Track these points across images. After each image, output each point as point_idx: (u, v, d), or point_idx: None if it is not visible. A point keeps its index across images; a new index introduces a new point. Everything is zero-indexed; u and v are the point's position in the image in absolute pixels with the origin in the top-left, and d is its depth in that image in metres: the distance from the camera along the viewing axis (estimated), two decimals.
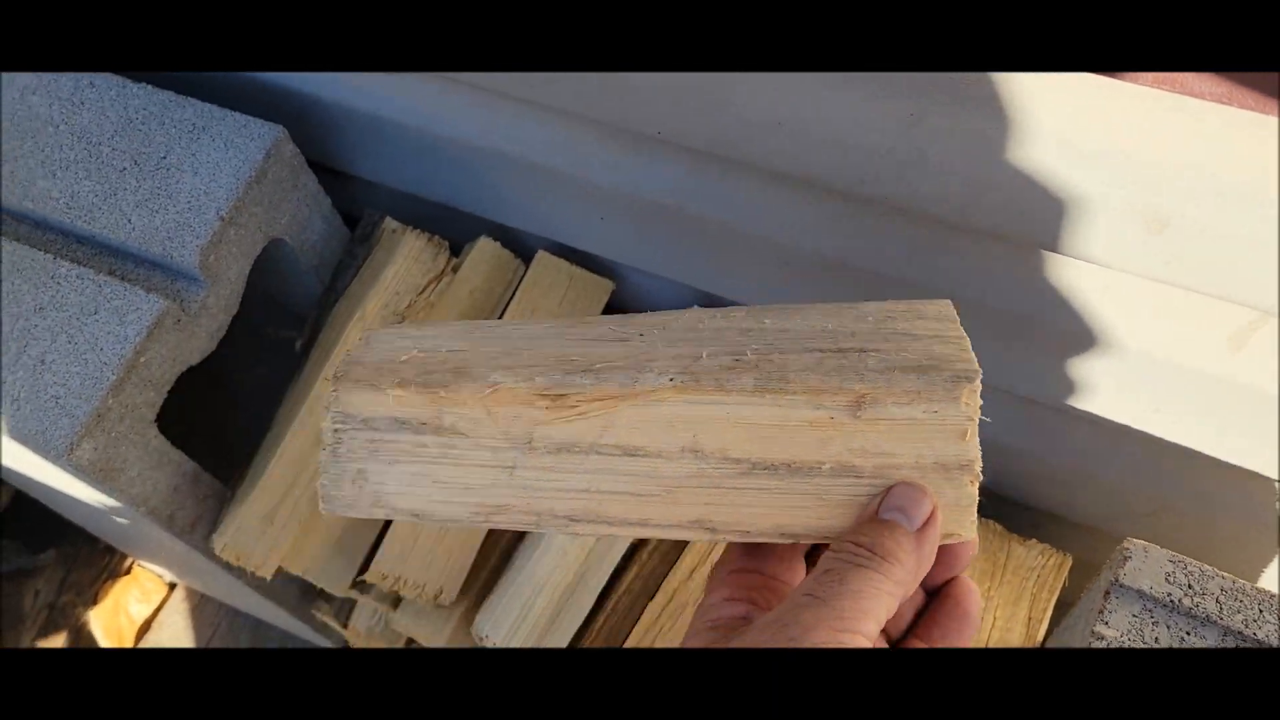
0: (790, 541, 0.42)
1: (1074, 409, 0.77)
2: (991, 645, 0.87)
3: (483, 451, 0.41)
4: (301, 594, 1.12)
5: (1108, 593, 0.62)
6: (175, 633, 1.37)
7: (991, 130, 0.61)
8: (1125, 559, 0.63)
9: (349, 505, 0.43)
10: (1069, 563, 0.91)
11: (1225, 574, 0.61)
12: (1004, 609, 0.89)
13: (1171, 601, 0.61)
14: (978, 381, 0.39)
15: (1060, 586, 0.90)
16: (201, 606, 1.39)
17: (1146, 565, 0.62)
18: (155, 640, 1.37)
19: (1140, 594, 0.62)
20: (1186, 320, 0.66)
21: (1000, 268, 0.70)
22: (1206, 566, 0.62)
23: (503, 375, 0.41)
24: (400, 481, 0.42)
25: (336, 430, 0.42)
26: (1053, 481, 0.90)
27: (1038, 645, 0.87)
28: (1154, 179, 0.58)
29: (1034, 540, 0.92)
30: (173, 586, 1.42)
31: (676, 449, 0.41)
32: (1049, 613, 0.89)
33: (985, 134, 0.61)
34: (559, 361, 0.42)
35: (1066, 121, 0.59)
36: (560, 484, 0.41)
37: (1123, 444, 0.79)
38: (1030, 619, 0.88)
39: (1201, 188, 0.57)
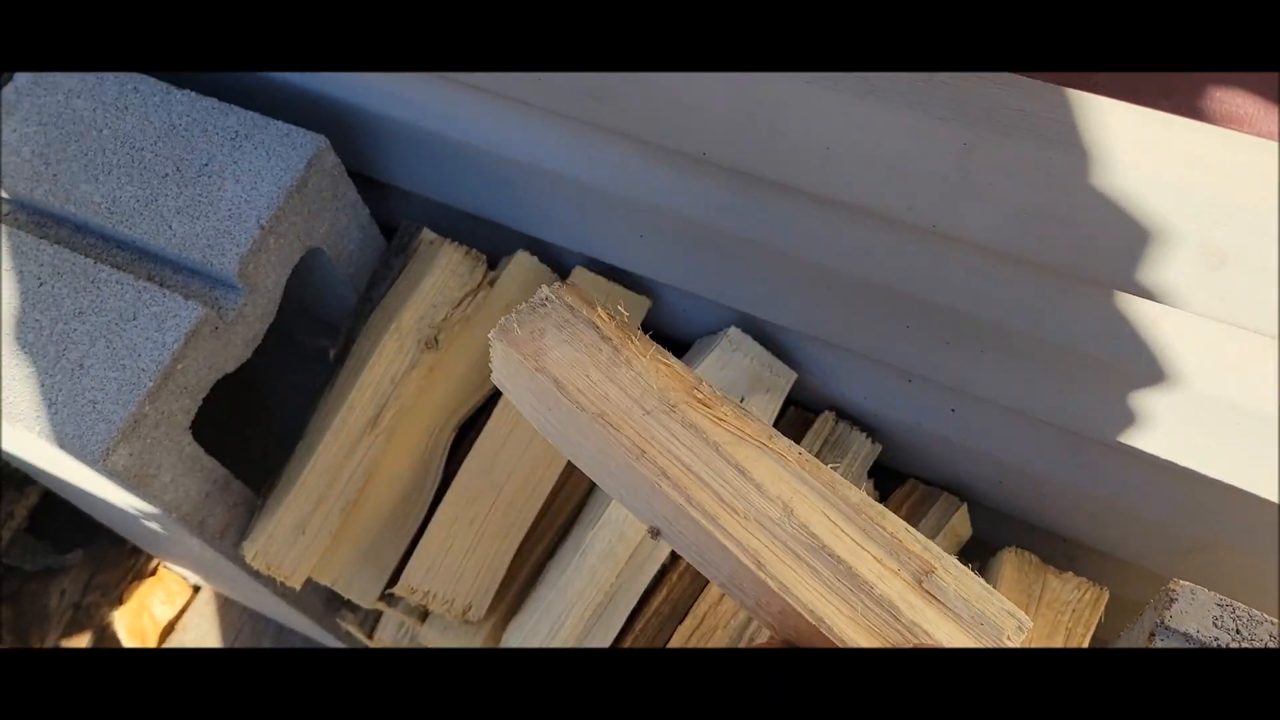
0: (809, 625, 0.45)
1: (1119, 444, 0.75)
2: None
3: (634, 387, 0.48)
4: (326, 602, 1.12)
5: (1152, 634, 0.61)
6: (199, 635, 1.37)
7: (1045, 160, 0.60)
8: (1172, 600, 0.61)
9: (514, 343, 0.49)
10: (1105, 597, 0.89)
11: (1273, 619, 0.60)
12: (1038, 643, 0.87)
13: (1219, 646, 0.60)
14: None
15: (1096, 622, 0.89)
16: (225, 610, 1.39)
17: (1194, 608, 0.61)
18: (178, 642, 1.37)
19: (1186, 637, 0.61)
20: (1240, 358, 0.65)
21: (1049, 299, 0.69)
22: (1255, 611, 0.60)
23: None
24: (563, 357, 0.48)
25: (546, 298, 0.50)
26: (1092, 514, 0.88)
27: None
28: (1213, 213, 0.57)
29: (1070, 573, 0.90)
30: (197, 589, 1.42)
31: (774, 495, 0.46)
32: (1084, 645, 0.88)
33: (1038, 164, 0.60)
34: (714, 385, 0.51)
35: (1123, 153, 0.58)
36: (672, 448, 0.47)
37: (1167, 479, 0.78)
38: None
39: (1262, 224, 0.56)
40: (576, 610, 0.81)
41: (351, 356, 0.94)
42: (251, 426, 1.12)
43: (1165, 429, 0.72)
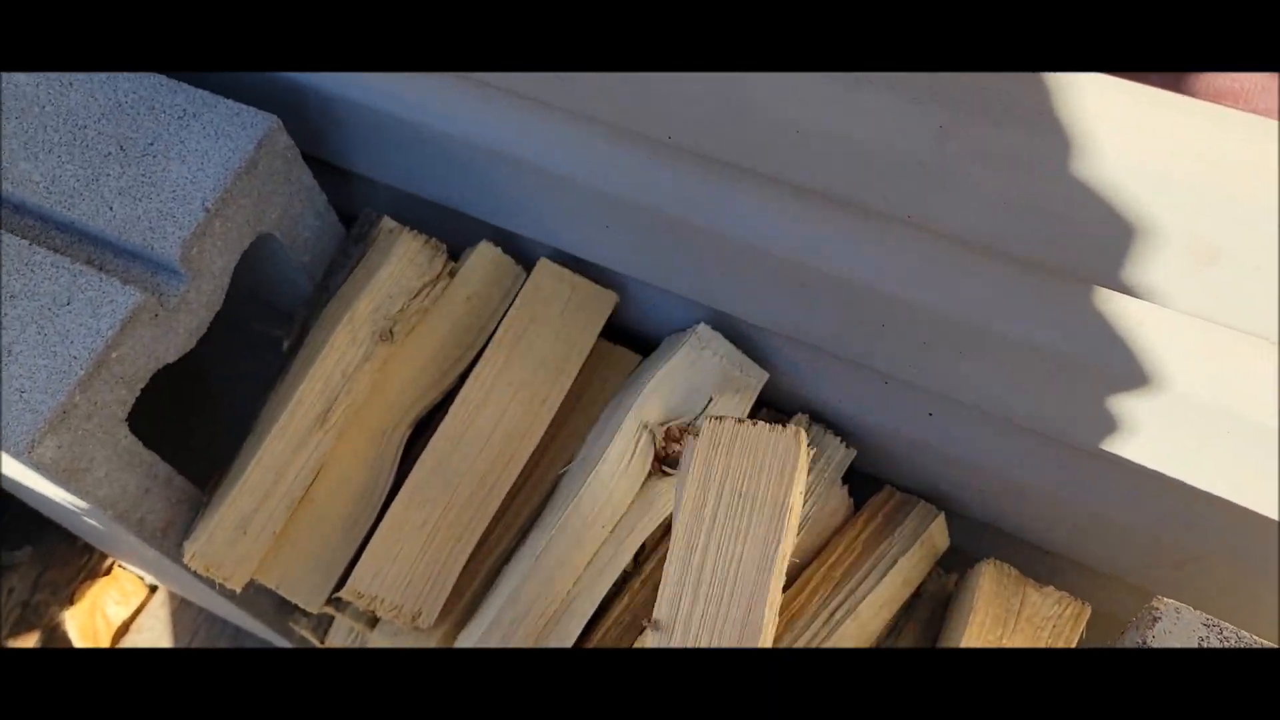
0: None
1: (1103, 452, 0.72)
2: None
3: None
4: (278, 605, 1.07)
5: None
6: (153, 637, 1.33)
7: (1027, 147, 0.56)
8: (1155, 619, 0.58)
9: None
10: (1087, 613, 0.85)
11: (1263, 640, 0.56)
12: None
13: None
14: None
15: (1077, 638, 0.85)
16: (181, 611, 1.35)
17: (1178, 628, 0.57)
18: (132, 643, 1.33)
19: None
20: (1233, 363, 0.61)
21: (1030, 298, 0.65)
22: (1245, 633, 0.57)
23: None
24: None
25: None
26: (1074, 525, 0.85)
27: None
28: (1203, 204, 0.53)
29: (1051, 587, 0.86)
30: (154, 589, 1.37)
31: None
32: None
33: (1020, 151, 0.56)
34: None
35: (1110, 138, 0.54)
36: None
37: (1152, 489, 0.74)
38: None
39: (1257, 216, 0.52)
40: (530, 618, 0.77)
41: (305, 347, 0.89)
42: (197, 416, 1.08)
43: (1150, 436, 0.68)
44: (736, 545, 0.60)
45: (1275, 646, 0.56)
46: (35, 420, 0.72)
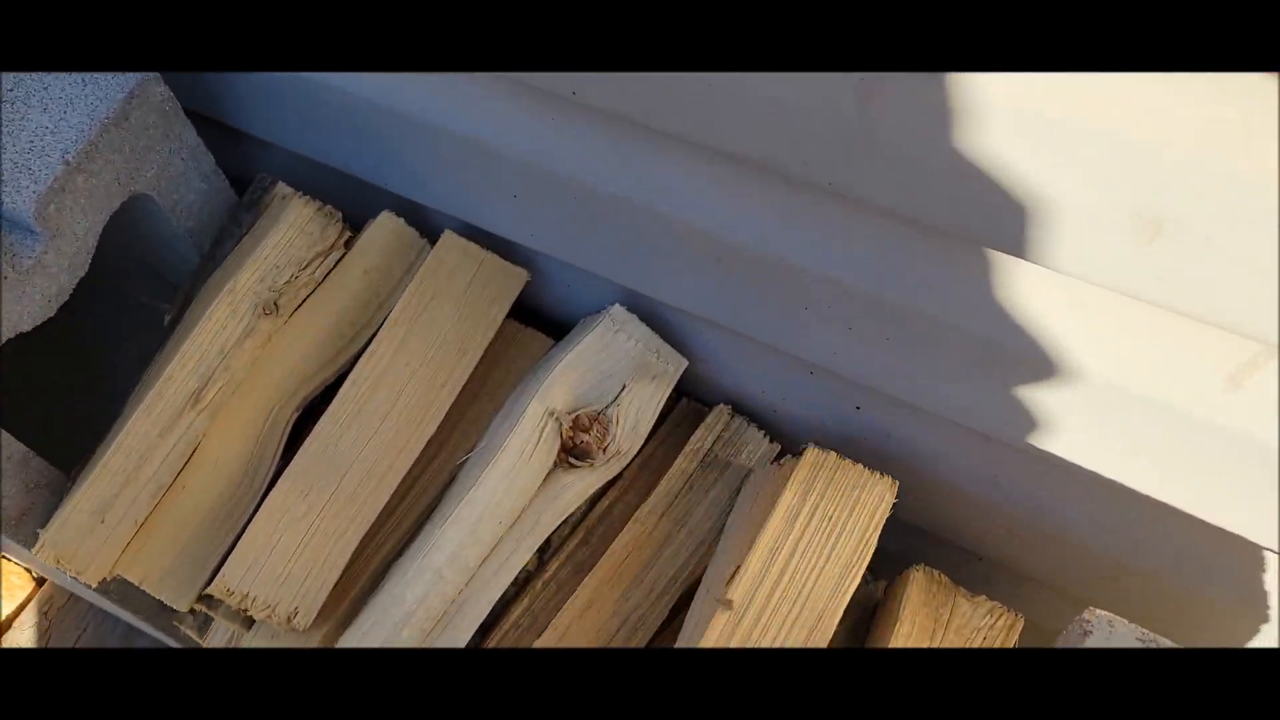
0: None
1: (1033, 449, 0.66)
2: None
3: None
4: (161, 605, 0.99)
5: None
6: (38, 634, 1.24)
7: (954, 106, 0.50)
8: (1086, 633, 0.52)
9: None
10: (1020, 624, 0.80)
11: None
12: None
13: None
14: None
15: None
16: (70, 607, 1.26)
17: (1111, 641, 0.52)
18: (14, 641, 1.23)
19: None
20: (1175, 350, 0.56)
21: (960, 276, 0.60)
22: (1182, 648, 0.51)
23: None
24: None
25: None
26: (1008, 530, 0.79)
27: None
28: (1148, 174, 0.47)
29: (983, 596, 0.81)
30: (41, 582, 1.28)
31: None
32: None
33: (947, 109, 0.50)
34: None
35: (1044, 100, 0.48)
36: None
37: (1088, 493, 0.69)
38: None
39: (1206, 187, 0.47)
40: (417, 619, 0.70)
41: (183, 322, 0.82)
42: (81, 398, 1.00)
43: (1079, 431, 0.63)
44: (819, 561, 0.66)
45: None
46: None
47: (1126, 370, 0.57)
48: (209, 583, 0.76)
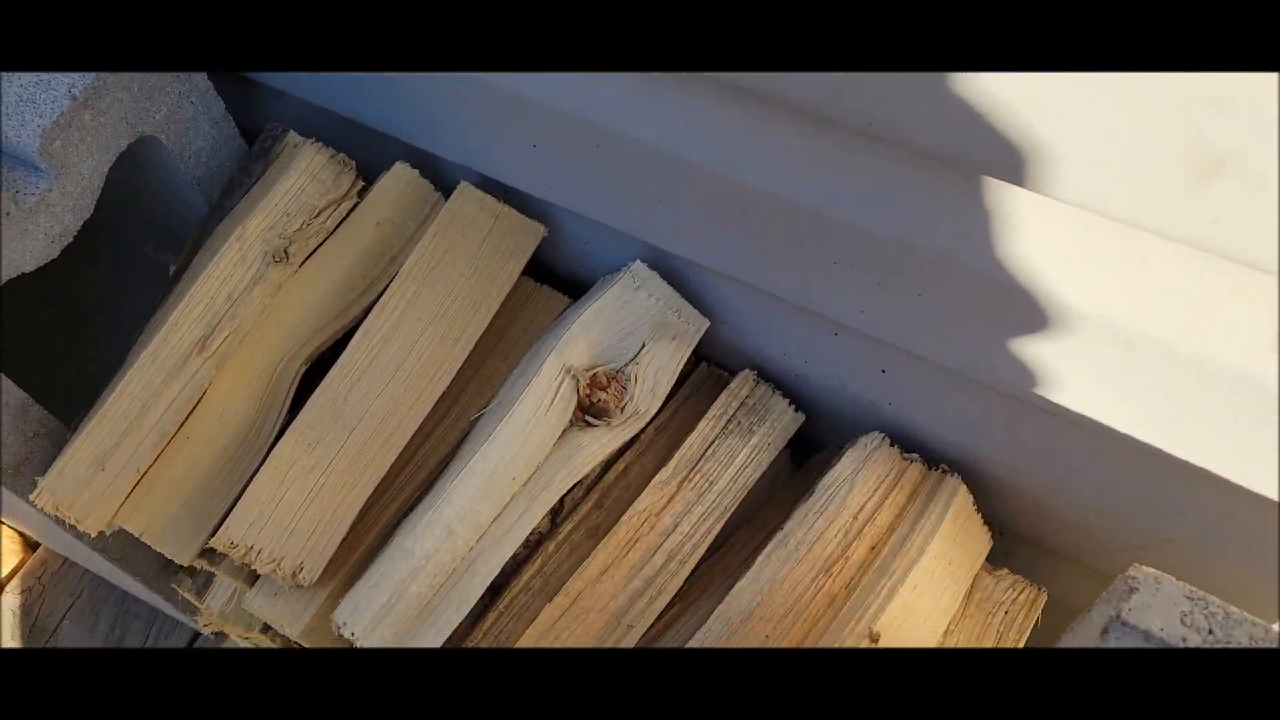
0: None
1: (1059, 407, 0.64)
2: None
3: None
4: (162, 566, 0.97)
5: (1106, 630, 0.49)
6: (30, 600, 1.21)
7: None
8: (1131, 590, 0.50)
9: None
10: (1043, 599, 0.78)
11: (1257, 619, 0.49)
12: (964, 646, 0.76)
13: (1186, 647, 0.48)
14: None
15: (1031, 626, 0.78)
16: (65, 573, 1.23)
17: (1158, 600, 0.50)
18: (7, 606, 1.21)
19: (1147, 635, 0.49)
20: (1221, 304, 0.54)
21: (1003, 227, 0.57)
22: (1233, 608, 0.49)
23: None
24: None
25: None
26: (1032, 500, 0.77)
27: None
28: (1205, 108, 0.45)
29: (1005, 570, 0.79)
30: (35, 547, 1.26)
31: None
32: None
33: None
34: None
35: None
36: None
37: (1115, 457, 0.67)
38: None
39: (1270, 125, 0.45)
40: (425, 575, 0.68)
41: (189, 270, 0.79)
42: (85, 351, 0.97)
43: (1108, 388, 0.61)
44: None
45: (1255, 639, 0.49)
46: None
47: (1172, 329, 0.55)
48: (212, 536, 0.74)
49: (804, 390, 0.81)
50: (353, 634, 0.67)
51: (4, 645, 1.19)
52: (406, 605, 0.68)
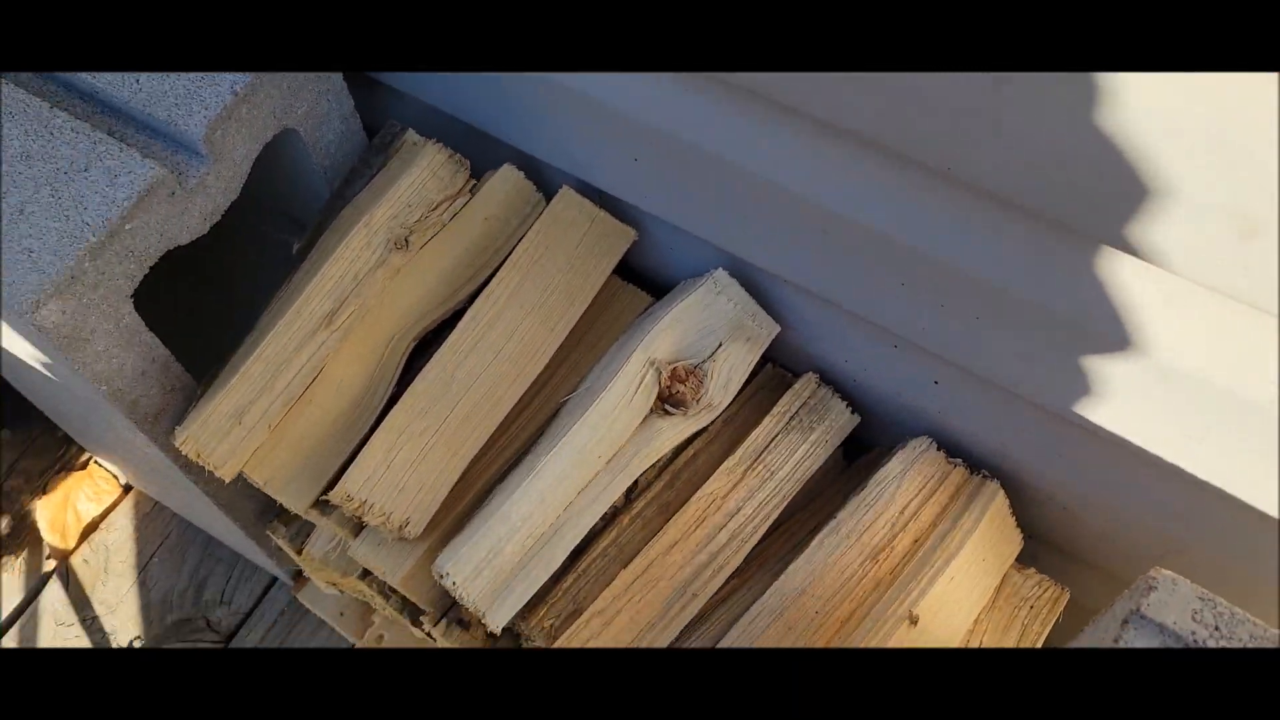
0: None
1: (1096, 426, 0.72)
2: None
3: None
4: (259, 512, 1.06)
5: (1126, 621, 0.57)
6: (122, 537, 1.32)
7: (1080, 99, 0.56)
8: (1150, 589, 0.58)
9: None
10: (1065, 598, 0.86)
11: (1257, 620, 0.56)
12: (992, 636, 0.84)
13: (1195, 642, 0.56)
14: None
15: (1054, 621, 0.86)
16: (154, 514, 1.33)
17: (1174, 599, 0.57)
18: (100, 542, 1.31)
19: (1161, 628, 0.57)
20: (1252, 345, 0.61)
21: (1057, 263, 0.65)
22: (1238, 610, 0.57)
23: None
24: None
25: None
26: (1063, 508, 0.85)
27: None
28: (1254, 173, 0.53)
29: (1032, 570, 0.87)
30: (128, 489, 1.36)
31: None
32: (1039, 645, 0.84)
33: (1073, 103, 0.56)
34: None
35: (1163, 98, 0.54)
36: None
37: (1142, 474, 0.74)
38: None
39: None
40: (519, 536, 0.77)
41: (316, 250, 0.88)
42: (204, 315, 1.07)
43: (1151, 415, 0.69)
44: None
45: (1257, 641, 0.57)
46: (40, 281, 0.71)
47: (1212, 363, 0.63)
48: (324, 492, 0.83)
49: (861, 394, 0.90)
50: (454, 583, 0.76)
51: (97, 580, 1.29)
52: (501, 561, 0.76)
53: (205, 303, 1.10)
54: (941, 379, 0.82)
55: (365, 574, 0.90)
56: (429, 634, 0.87)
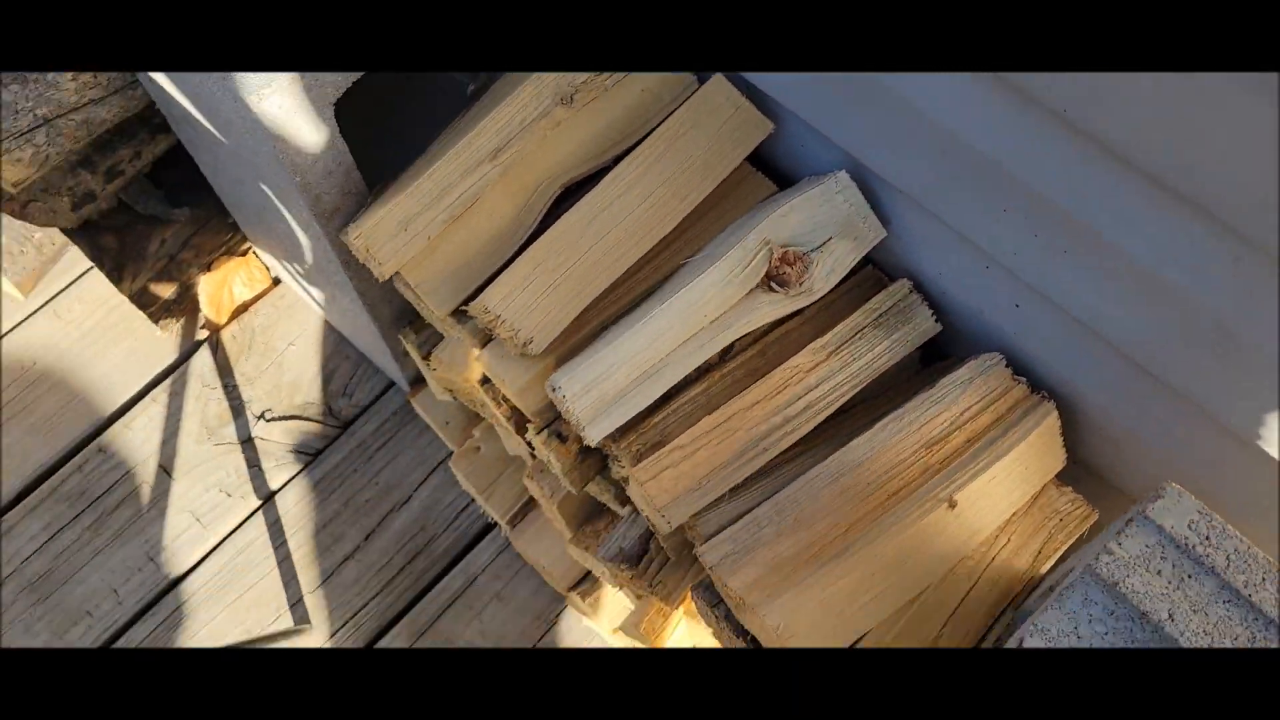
0: None
1: (1175, 386, 0.78)
2: (994, 563, 0.92)
3: None
4: (395, 317, 1.21)
5: (1131, 519, 0.67)
6: (267, 322, 1.48)
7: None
8: (1158, 496, 0.67)
9: None
10: (1094, 518, 0.95)
11: (1244, 538, 0.66)
12: (1019, 537, 0.94)
13: (1186, 545, 0.66)
14: None
15: (1078, 536, 0.95)
16: (297, 308, 1.49)
17: (1176, 507, 0.67)
18: (248, 322, 1.48)
19: (1159, 529, 0.67)
20: None
21: (1151, 217, 0.72)
22: (1230, 526, 0.66)
23: None
24: None
25: None
26: (1116, 444, 0.93)
27: (1038, 578, 0.92)
28: None
29: (1069, 488, 0.97)
30: (276, 282, 1.52)
31: None
32: (1058, 555, 0.94)
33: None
34: None
35: None
36: None
37: (1196, 425, 0.82)
38: (1040, 554, 0.93)
39: None
40: (626, 368, 0.89)
41: (488, 95, 1.00)
42: (378, 139, 1.19)
43: (1216, 372, 0.76)
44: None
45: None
46: (268, 75, 0.84)
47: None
48: (464, 303, 0.96)
49: (946, 306, 0.99)
50: (564, 396, 0.88)
51: (241, 354, 1.46)
52: (608, 386, 0.89)
53: (384, 125, 1.23)
54: (1023, 303, 0.91)
55: (485, 381, 1.04)
56: (529, 442, 1.00)
